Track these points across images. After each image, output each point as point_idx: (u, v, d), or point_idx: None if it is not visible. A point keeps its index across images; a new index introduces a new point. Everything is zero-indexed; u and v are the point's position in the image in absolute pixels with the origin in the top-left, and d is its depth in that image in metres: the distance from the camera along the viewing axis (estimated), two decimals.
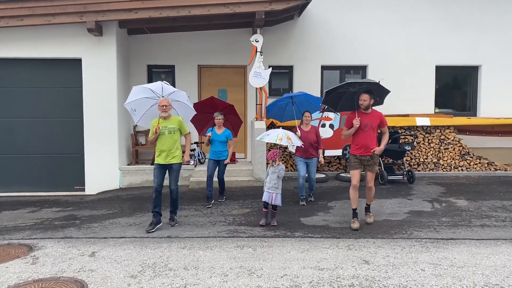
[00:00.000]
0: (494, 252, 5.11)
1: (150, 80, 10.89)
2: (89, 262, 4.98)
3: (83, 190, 9.22)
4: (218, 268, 4.70)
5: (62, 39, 8.97)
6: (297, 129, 7.56)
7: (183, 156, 6.51)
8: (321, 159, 7.58)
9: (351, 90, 6.29)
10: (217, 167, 7.77)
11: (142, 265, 4.80)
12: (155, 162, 6.30)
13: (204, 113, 8.24)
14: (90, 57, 9.06)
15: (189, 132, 6.61)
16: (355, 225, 6.07)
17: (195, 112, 6.99)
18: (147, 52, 10.73)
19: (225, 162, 7.71)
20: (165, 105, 6.25)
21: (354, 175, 6.16)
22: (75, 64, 9.09)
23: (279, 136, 6.34)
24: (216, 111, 7.90)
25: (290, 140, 6.44)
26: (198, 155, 10.28)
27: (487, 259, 4.87)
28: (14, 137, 9.21)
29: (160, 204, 6.26)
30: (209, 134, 7.63)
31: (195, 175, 9.49)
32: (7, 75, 9.15)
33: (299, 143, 6.77)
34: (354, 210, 6.19)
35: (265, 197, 6.27)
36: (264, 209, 6.36)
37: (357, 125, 6.03)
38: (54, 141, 9.28)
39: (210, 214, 7.07)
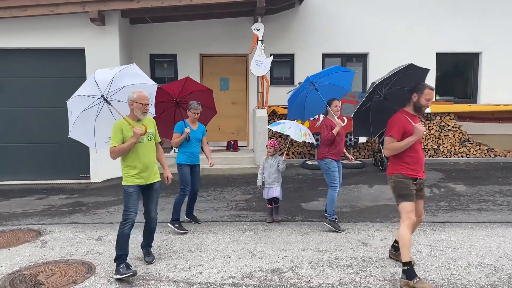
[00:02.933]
0: (490, 234, 5.25)
1: (153, 70, 11.02)
2: (96, 245, 5.16)
3: (88, 178, 9.39)
4: (221, 250, 4.87)
5: (65, 29, 9.07)
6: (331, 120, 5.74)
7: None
8: (351, 157, 6.14)
9: (379, 98, 4.27)
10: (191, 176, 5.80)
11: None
12: (130, 183, 4.32)
13: (166, 104, 6.15)
14: (93, 47, 9.16)
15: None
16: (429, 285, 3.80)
17: (155, 84, 4.93)
18: (149, 41, 10.81)
19: (211, 164, 5.93)
20: (147, 104, 4.37)
21: (413, 208, 4.02)
22: (79, 53, 9.20)
23: (303, 131, 5.53)
24: (177, 98, 6.07)
25: (309, 136, 5.66)
26: None
27: (482, 241, 5.01)
28: (20, 126, 9.36)
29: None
30: (188, 129, 5.69)
31: None
32: (13, 65, 9.26)
33: (314, 140, 5.83)
34: (411, 265, 3.87)
35: (266, 194, 5.85)
36: (269, 206, 5.95)
37: (424, 132, 4.03)
38: (60, 130, 9.41)
39: (213, 200, 7.24)
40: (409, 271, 3.79)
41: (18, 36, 9.05)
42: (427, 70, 4.14)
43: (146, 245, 4.69)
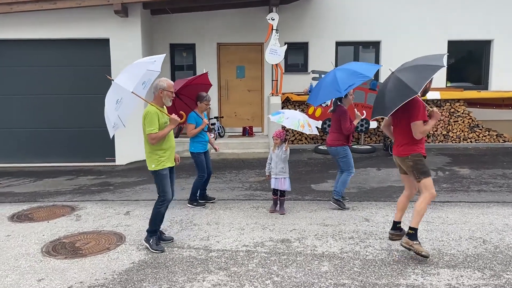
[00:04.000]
0: (485, 212, 5.65)
1: (172, 58, 11.56)
2: (125, 219, 5.76)
3: (114, 161, 10.04)
4: (236, 224, 5.41)
5: (91, 21, 9.64)
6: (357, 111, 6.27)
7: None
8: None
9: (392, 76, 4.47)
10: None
11: (170, 221, 5.54)
12: (163, 166, 4.65)
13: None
14: (117, 37, 9.72)
15: None
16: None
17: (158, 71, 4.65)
18: (169, 31, 11.33)
19: (218, 149, 6.43)
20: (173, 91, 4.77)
21: (432, 182, 4.42)
22: (104, 44, 9.78)
23: (301, 122, 5.61)
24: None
25: (310, 127, 5.75)
26: (218, 129, 10.94)
27: (476, 218, 5.43)
28: (50, 112, 10.04)
29: None
30: (206, 120, 6.15)
31: None
32: (43, 55, 9.91)
33: (316, 131, 5.97)
34: (416, 231, 4.31)
35: (273, 184, 5.81)
36: (274, 196, 5.94)
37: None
38: (87, 115, 10.06)
39: (229, 181, 7.77)
40: (413, 235, 4.26)
41: (47, 28, 9.66)
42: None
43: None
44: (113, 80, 4.49)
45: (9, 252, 4.68)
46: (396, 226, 4.81)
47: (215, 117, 11.15)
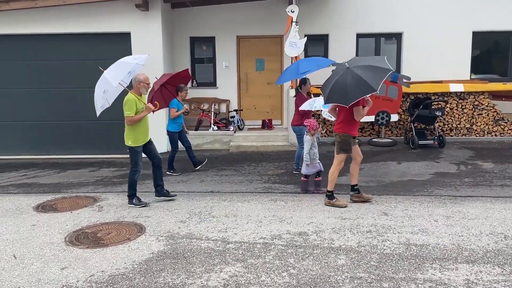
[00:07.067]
0: (507, 207, 5.54)
1: (192, 52, 11.63)
2: (145, 210, 5.86)
3: None
4: (254, 216, 5.45)
5: (113, 15, 9.78)
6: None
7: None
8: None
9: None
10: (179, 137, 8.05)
11: (189, 213, 5.62)
12: (138, 144, 5.92)
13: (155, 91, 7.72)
14: (138, 31, 9.84)
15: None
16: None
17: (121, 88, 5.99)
18: (189, 24, 11.39)
19: (188, 132, 8.44)
20: (149, 83, 5.99)
21: (345, 158, 5.93)
22: (125, 37, 9.91)
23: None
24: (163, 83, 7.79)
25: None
26: (237, 122, 10.99)
27: (498, 213, 5.33)
28: (74, 105, 10.25)
29: None
30: (186, 106, 7.95)
31: (235, 140, 10.25)
32: (67, 49, 10.12)
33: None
34: (332, 192, 5.88)
35: (320, 167, 6.54)
36: (305, 179, 6.53)
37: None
38: (109, 109, 10.17)
39: (248, 174, 7.82)
40: (330, 195, 5.80)
41: (70, 22, 9.84)
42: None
43: (161, 183, 6.24)
44: (103, 71, 5.75)
45: (34, 241, 4.84)
46: (353, 188, 5.96)
47: (234, 110, 11.20)
